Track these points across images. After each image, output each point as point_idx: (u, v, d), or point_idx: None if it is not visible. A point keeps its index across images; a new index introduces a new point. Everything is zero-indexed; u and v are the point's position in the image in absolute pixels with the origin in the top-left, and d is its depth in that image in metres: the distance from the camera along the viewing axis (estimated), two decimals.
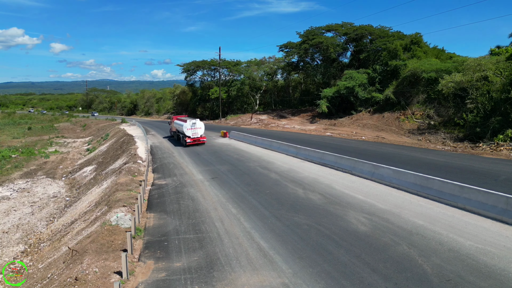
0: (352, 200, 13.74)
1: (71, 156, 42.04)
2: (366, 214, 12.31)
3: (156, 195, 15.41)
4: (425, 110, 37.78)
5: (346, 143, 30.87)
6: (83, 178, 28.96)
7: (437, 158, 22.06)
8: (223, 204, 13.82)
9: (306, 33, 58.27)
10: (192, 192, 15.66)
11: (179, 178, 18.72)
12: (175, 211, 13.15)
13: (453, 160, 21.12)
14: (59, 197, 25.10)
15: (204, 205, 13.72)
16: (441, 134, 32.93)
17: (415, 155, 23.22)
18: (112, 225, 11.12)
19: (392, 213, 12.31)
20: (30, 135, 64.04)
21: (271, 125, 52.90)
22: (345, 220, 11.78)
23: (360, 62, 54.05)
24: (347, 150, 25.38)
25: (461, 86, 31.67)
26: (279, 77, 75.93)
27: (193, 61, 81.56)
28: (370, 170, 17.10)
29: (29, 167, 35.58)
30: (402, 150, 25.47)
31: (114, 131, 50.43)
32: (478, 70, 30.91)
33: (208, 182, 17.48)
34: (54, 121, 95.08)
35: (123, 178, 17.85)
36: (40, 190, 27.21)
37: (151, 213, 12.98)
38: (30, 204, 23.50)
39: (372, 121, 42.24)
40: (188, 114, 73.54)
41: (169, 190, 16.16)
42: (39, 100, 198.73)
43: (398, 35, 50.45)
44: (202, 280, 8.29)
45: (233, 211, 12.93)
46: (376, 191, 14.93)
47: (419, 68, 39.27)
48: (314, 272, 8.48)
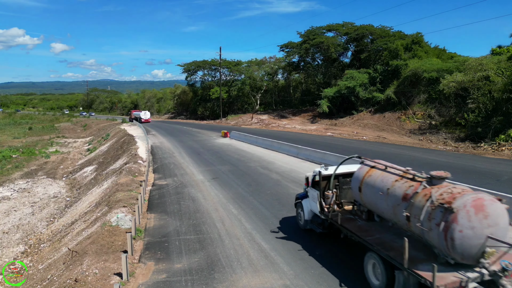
0: None
1: (72, 156, 41.99)
2: None
3: (156, 196, 15.35)
4: (426, 110, 37.69)
5: (347, 143, 30.80)
6: (84, 178, 28.89)
7: (439, 158, 21.96)
8: (224, 205, 13.75)
9: (307, 33, 58.19)
10: (193, 193, 15.60)
11: (179, 178, 18.65)
12: (175, 211, 13.08)
13: (455, 160, 21.02)
14: (60, 197, 25.04)
15: (205, 206, 13.65)
16: (442, 134, 32.83)
17: (417, 155, 23.13)
18: (112, 226, 11.05)
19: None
20: (31, 135, 64.02)
21: (271, 125, 52.85)
22: None
23: (361, 62, 53.95)
24: (348, 150, 25.22)
25: (462, 86, 31.58)
26: (280, 77, 75.88)
27: (193, 61, 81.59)
28: None
29: (29, 167, 35.52)
30: (403, 150, 25.38)
31: (114, 131, 50.40)
32: (480, 70, 30.83)
33: (208, 183, 17.41)
34: (55, 121, 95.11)
35: (124, 179, 17.79)
36: (40, 190, 27.14)
37: (152, 214, 12.92)
38: (30, 205, 23.43)
39: (373, 121, 42.15)
40: (188, 114, 75.46)
41: (170, 191, 16.10)
42: (39, 100, 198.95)
43: (399, 35, 50.34)
44: (203, 282, 8.22)
45: (234, 212, 12.86)
46: None
47: (420, 68, 39.17)
48: (316, 273, 8.40)
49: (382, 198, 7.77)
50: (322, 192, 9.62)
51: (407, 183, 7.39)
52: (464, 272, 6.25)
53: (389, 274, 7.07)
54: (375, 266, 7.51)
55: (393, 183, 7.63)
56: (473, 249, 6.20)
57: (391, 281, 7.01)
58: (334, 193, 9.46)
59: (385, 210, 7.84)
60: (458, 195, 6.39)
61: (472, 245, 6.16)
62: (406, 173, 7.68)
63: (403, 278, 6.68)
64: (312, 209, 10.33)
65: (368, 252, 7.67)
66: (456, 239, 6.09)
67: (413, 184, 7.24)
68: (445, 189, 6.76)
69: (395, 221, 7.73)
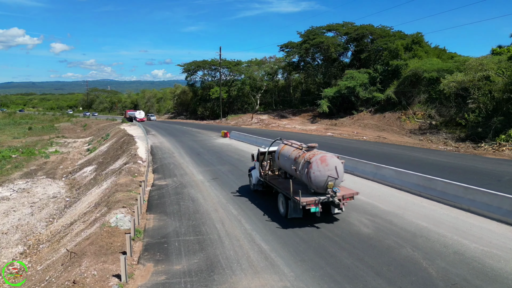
0: (354, 201, 13.55)
1: (71, 156, 41.91)
2: (369, 215, 12.15)
3: (156, 196, 15.26)
4: (426, 110, 37.62)
5: (347, 143, 30.71)
6: (83, 179, 28.81)
7: (439, 158, 21.88)
8: (224, 205, 13.66)
9: (307, 32, 58.11)
10: (193, 193, 15.51)
11: (179, 178, 18.56)
12: (175, 212, 12.99)
13: (456, 161, 20.94)
14: (59, 197, 24.96)
15: (205, 206, 13.56)
16: (442, 134, 32.76)
17: (417, 155, 23.05)
18: (111, 227, 10.97)
19: (395, 214, 12.15)
20: (31, 135, 63.95)
21: (271, 125, 52.77)
22: (348, 222, 11.61)
23: (361, 62, 53.88)
24: (348, 150, 25.17)
25: (463, 86, 31.50)
26: (280, 77, 75.77)
27: (193, 61, 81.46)
28: (372, 170, 16.91)
29: (29, 167, 35.45)
30: (404, 150, 25.30)
31: (114, 131, 50.31)
32: (480, 69, 30.76)
33: (208, 183, 17.32)
34: (55, 121, 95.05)
35: (123, 179, 17.70)
36: (40, 190, 27.07)
37: (151, 214, 12.82)
38: (29, 205, 23.35)
39: (373, 121, 42.07)
40: (188, 114, 75.16)
41: (169, 191, 16.01)
42: (39, 100, 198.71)
43: (399, 34, 50.26)
44: (203, 284, 8.14)
45: (234, 212, 12.78)
46: (379, 192, 14.77)
47: (421, 68, 39.11)
48: (316, 275, 8.32)
49: (287, 161, 12.59)
50: (261, 163, 14.42)
51: (297, 151, 12.20)
52: (319, 196, 11.12)
53: (286, 203, 11.86)
54: (281, 200, 12.28)
55: (292, 152, 12.48)
56: (321, 183, 11.04)
57: (287, 208, 11.77)
58: (268, 163, 14.35)
59: (288, 168, 12.66)
60: (313, 155, 11.28)
61: (321, 181, 11.03)
62: (299, 146, 12.38)
63: (292, 203, 11.53)
64: (257, 175, 14.90)
65: (279, 194, 12.51)
66: (312, 177, 11.02)
67: (300, 152, 11.97)
68: (311, 153, 11.53)
69: (292, 174, 12.59)
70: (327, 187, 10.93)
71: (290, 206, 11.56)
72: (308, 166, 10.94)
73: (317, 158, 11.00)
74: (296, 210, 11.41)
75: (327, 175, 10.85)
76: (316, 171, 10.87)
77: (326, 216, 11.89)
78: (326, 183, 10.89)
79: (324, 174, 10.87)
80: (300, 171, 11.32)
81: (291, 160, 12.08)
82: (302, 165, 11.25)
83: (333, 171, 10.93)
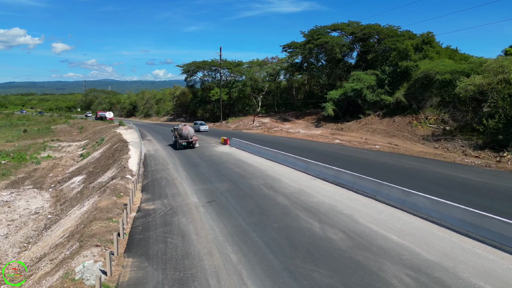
0: (385, 242, 10.86)
1: (64, 162, 39.78)
2: (409, 269, 9.25)
3: (140, 228, 12.78)
4: (439, 114, 35.17)
5: (360, 154, 28.07)
6: (70, 191, 26.69)
7: (471, 176, 19.11)
8: (221, 245, 11.10)
9: (310, 32, 55.66)
10: (184, 224, 13.03)
11: (170, 201, 16.11)
12: (159, 255, 10.43)
13: (492, 180, 18.07)
14: (41, 213, 22.85)
15: (197, 247, 10.96)
16: (458, 141, 30.31)
17: (443, 171, 20.37)
18: (74, 280, 8.63)
19: (443, 268, 9.28)
20: (25, 138, 61.90)
21: (274, 129, 50.34)
22: (383, 280, 8.80)
23: (367, 63, 51.44)
24: (363, 164, 22.66)
25: (481, 89, 29.09)
26: (282, 78, 73.30)
27: (193, 62, 79.04)
28: (399, 196, 13.98)
29: (17, 175, 33.42)
30: (425, 164, 22.63)
31: (109, 135, 48.01)
32: (501, 72, 28.34)
33: (203, 208, 14.82)
34: (52, 122, 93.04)
35: (105, 201, 15.37)
36: (22, 204, 25.05)
37: (129, 258, 10.30)
38: (7, 223, 21.25)
39: (382, 125, 39.63)
40: (188, 116, 73.02)
41: (156, 220, 13.53)
42: (38, 101, 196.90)
43: (408, 34, 47.75)
44: None
45: (233, 259, 10.16)
46: (413, 229, 11.86)
47: (433, 69, 36.67)
48: None
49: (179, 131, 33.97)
50: (175, 134, 34.71)
51: (180, 126, 34.34)
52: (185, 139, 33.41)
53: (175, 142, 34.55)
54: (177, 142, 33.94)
55: (184, 128, 33.80)
56: (187, 136, 33.07)
57: (176, 144, 34.32)
58: (176, 134, 34.03)
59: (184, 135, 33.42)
60: (183, 127, 33.87)
61: (186, 135, 33.00)
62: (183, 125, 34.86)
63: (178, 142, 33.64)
64: (175, 140, 34.33)
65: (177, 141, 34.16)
66: (183, 134, 33.02)
67: (182, 126, 33.88)
68: (184, 126, 34.04)
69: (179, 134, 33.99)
70: (187, 136, 32.39)
71: (177, 142, 33.01)
72: (183, 129, 32.68)
73: (183, 127, 33.36)
74: (180, 145, 32.57)
75: (188, 132, 32.63)
76: (183, 132, 32.59)
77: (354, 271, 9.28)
78: (189, 136, 32.63)
79: (187, 133, 32.58)
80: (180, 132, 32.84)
81: (179, 130, 33.10)
82: (181, 129, 32.96)
83: (190, 131, 33.08)
